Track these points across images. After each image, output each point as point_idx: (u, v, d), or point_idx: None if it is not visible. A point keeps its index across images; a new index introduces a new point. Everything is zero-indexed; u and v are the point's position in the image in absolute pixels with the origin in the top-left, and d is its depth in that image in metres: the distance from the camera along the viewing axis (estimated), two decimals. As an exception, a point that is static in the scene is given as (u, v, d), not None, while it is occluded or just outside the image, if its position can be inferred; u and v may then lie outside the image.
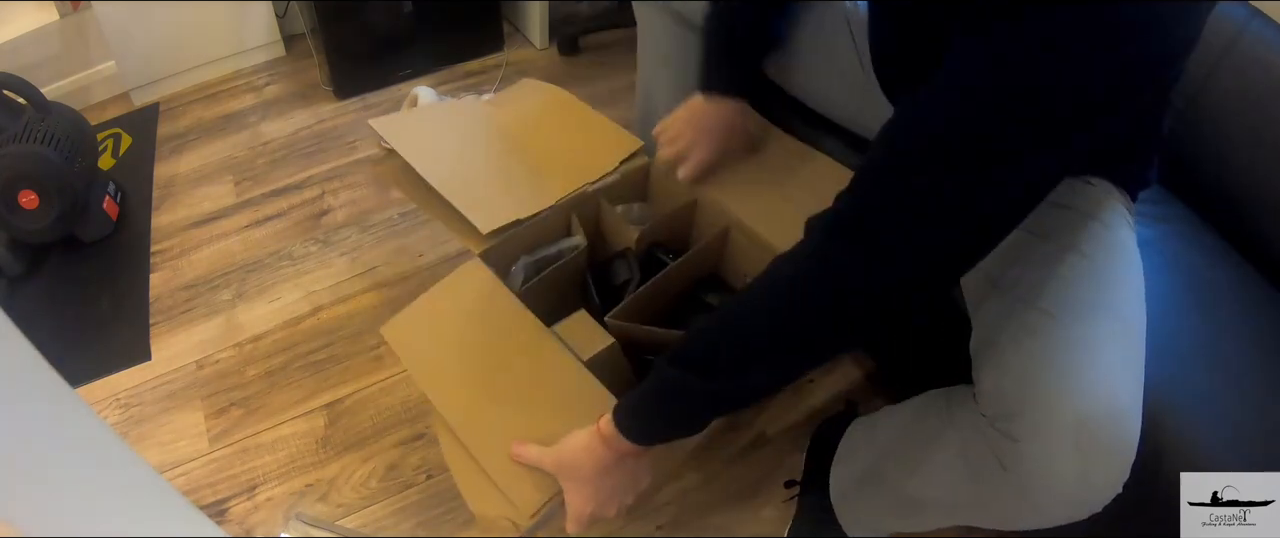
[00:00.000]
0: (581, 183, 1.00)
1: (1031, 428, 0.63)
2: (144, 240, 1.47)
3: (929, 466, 0.76)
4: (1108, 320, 0.67)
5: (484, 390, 0.83)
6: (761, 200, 0.98)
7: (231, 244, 1.45)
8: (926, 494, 0.78)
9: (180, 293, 1.37)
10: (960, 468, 0.71)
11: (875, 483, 0.88)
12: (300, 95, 1.78)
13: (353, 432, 1.17)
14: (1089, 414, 0.61)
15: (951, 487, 0.73)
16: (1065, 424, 0.61)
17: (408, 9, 1.70)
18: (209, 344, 1.29)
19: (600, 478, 0.74)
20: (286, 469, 1.13)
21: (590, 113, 1.12)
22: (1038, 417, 0.63)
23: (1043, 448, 0.62)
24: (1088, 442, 0.61)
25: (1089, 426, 0.61)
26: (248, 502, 1.10)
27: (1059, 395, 0.62)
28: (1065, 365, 0.64)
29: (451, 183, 0.96)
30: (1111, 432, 0.62)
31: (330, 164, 1.61)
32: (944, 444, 0.73)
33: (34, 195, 1.29)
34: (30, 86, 1.34)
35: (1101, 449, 0.62)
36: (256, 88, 1.81)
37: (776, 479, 1.11)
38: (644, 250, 1.03)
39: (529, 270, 0.98)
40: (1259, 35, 0.92)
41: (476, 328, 0.88)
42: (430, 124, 1.15)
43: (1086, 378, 0.63)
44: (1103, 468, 0.62)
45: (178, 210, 1.53)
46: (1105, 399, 0.62)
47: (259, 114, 1.74)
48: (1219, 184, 0.96)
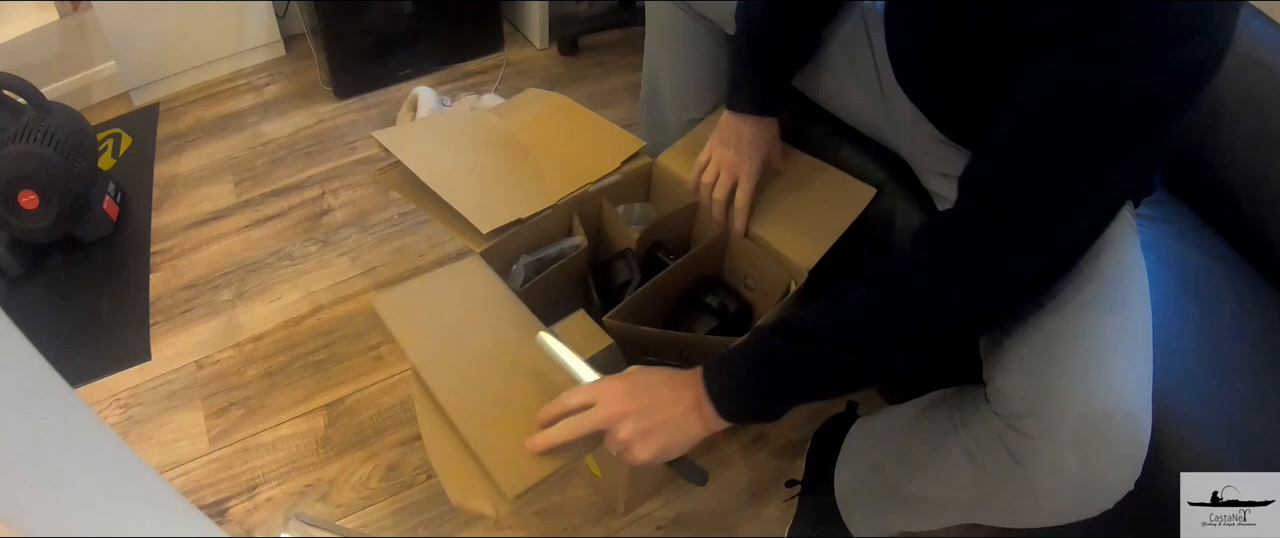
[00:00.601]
0: (583, 183, 1.00)
1: (1045, 426, 0.64)
2: (144, 240, 1.46)
3: (937, 464, 0.76)
4: (1115, 318, 0.68)
5: (474, 370, 0.81)
6: (763, 204, 0.98)
7: (231, 244, 1.45)
8: (933, 493, 0.78)
9: (180, 293, 1.37)
10: (969, 467, 0.72)
11: (881, 482, 0.88)
12: (300, 95, 1.78)
13: (353, 432, 1.17)
14: (1101, 413, 0.62)
15: (959, 485, 0.74)
16: (1078, 422, 0.62)
17: (408, 9, 1.70)
18: (209, 344, 1.29)
19: (666, 412, 0.71)
20: (286, 469, 1.13)
21: (592, 116, 1.12)
22: (1051, 415, 0.64)
23: (1056, 445, 0.63)
24: (1099, 440, 0.62)
25: (1101, 424, 0.62)
26: (248, 502, 1.09)
27: (1071, 394, 0.63)
28: (1077, 364, 0.65)
29: (452, 186, 0.96)
30: (1123, 430, 0.63)
31: (330, 164, 1.61)
32: (954, 443, 0.74)
33: (34, 195, 1.29)
34: (30, 86, 1.34)
35: (1113, 447, 0.63)
36: (256, 88, 1.81)
37: (777, 479, 1.11)
38: (645, 251, 1.03)
39: (529, 270, 0.98)
40: (1259, 35, 0.92)
41: (470, 314, 0.87)
42: (432, 132, 1.16)
43: (1098, 376, 0.64)
44: (1114, 466, 0.63)
45: (178, 210, 1.53)
46: (1117, 398, 0.63)
47: (259, 114, 1.74)
48: (1219, 184, 0.96)
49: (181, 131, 1.70)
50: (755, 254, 0.99)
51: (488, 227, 0.93)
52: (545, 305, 0.89)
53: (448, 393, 0.78)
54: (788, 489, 1.09)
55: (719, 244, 1.02)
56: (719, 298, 1.04)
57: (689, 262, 0.99)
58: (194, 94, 1.79)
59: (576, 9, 2.02)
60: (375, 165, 1.59)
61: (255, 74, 1.85)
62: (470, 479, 0.74)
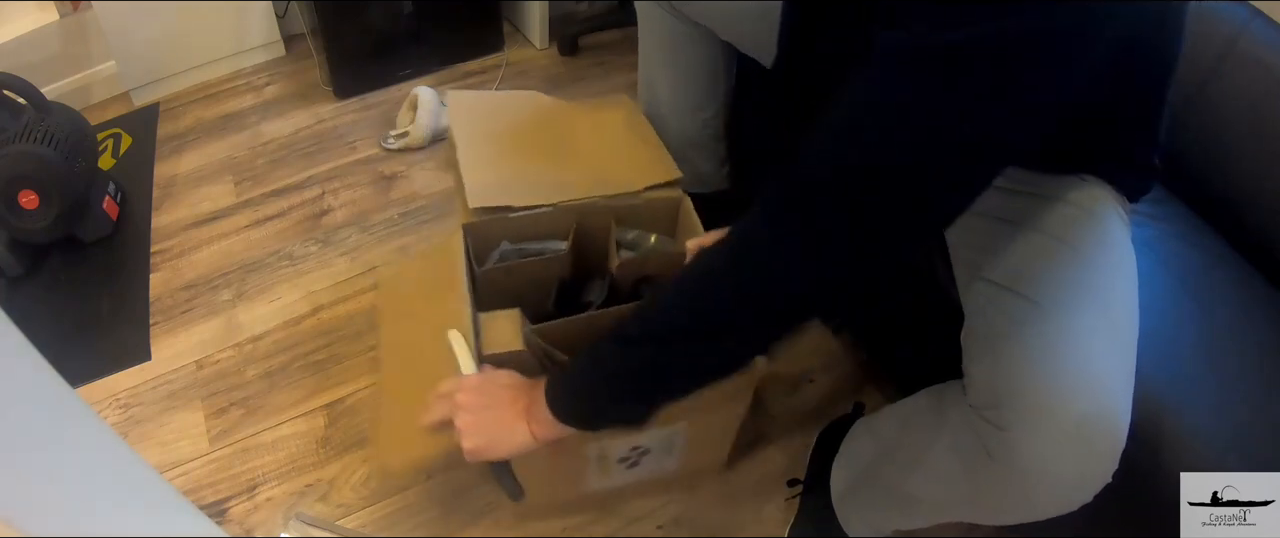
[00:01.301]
0: (596, 193, 0.99)
1: (1016, 416, 0.63)
2: (144, 240, 1.46)
3: (924, 461, 0.76)
4: (1094, 311, 0.67)
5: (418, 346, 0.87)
6: None
7: (231, 244, 1.45)
8: (922, 491, 0.78)
9: (180, 293, 1.37)
10: (953, 462, 0.71)
11: (872, 482, 0.89)
12: (300, 95, 1.78)
13: (353, 432, 1.17)
14: (1074, 403, 0.61)
15: (945, 482, 0.74)
16: (1050, 413, 0.62)
17: (408, 9, 1.70)
18: (209, 344, 1.29)
19: (497, 413, 0.74)
20: (286, 469, 1.13)
21: (653, 138, 1.07)
22: (1023, 406, 0.63)
23: (1027, 436, 0.62)
24: (1073, 430, 0.61)
25: (1073, 414, 0.61)
26: (248, 502, 1.09)
27: (1044, 385, 0.62)
28: (1051, 355, 0.64)
29: (474, 156, 0.98)
30: (1097, 421, 0.62)
31: (330, 164, 1.61)
32: (937, 439, 0.73)
33: (34, 195, 1.29)
34: (30, 87, 1.34)
35: (1087, 438, 0.62)
36: (256, 88, 1.81)
37: (777, 479, 1.11)
38: (633, 283, 1.01)
39: (507, 257, 0.98)
40: (1259, 35, 0.92)
41: (430, 293, 0.91)
42: (496, 105, 1.16)
43: (1072, 369, 0.63)
44: (1089, 457, 0.62)
45: (178, 210, 1.53)
46: (1090, 390, 0.62)
47: (259, 114, 1.74)
48: (1218, 184, 0.96)
49: (181, 132, 1.70)
50: None
51: (476, 202, 0.94)
52: (508, 294, 0.91)
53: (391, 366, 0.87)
54: (790, 488, 1.09)
55: None
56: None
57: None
58: (194, 94, 1.79)
59: (576, 9, 2.02)
60: (375, 165, 1.60)
61: (255, 74, 1.85)
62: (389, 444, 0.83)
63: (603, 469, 0.96)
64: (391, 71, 1.79)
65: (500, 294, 0.94)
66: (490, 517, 1.07)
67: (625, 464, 0.97)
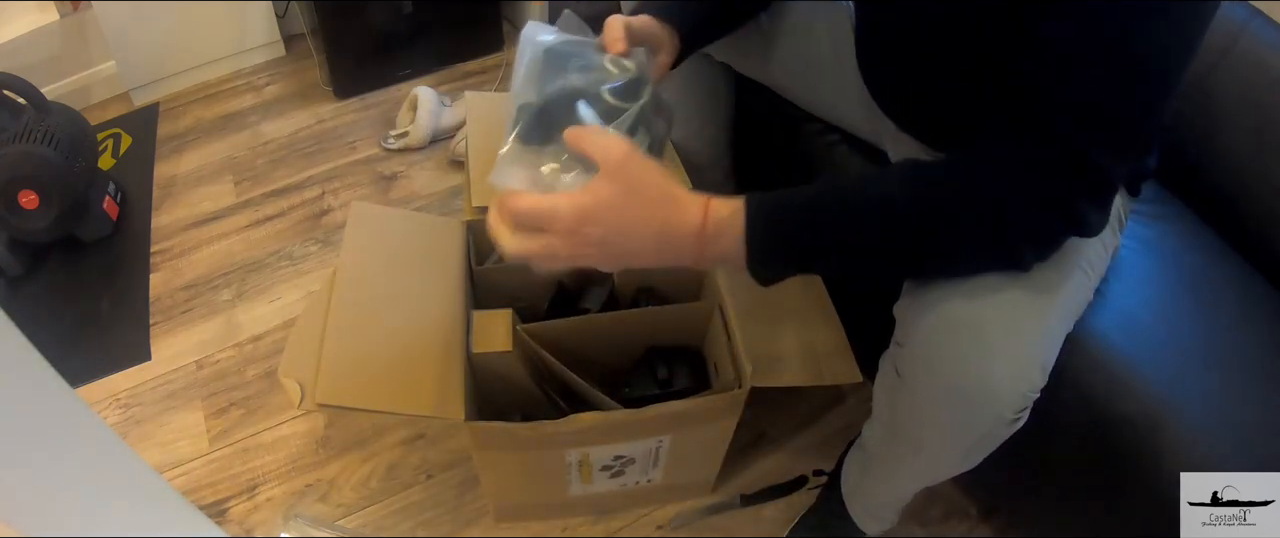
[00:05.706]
0: None
1: (911, 329, 0.66)
2: (144, 240, 1.46)
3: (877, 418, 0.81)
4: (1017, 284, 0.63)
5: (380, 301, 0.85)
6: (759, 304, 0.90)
7: (231, 244, 1.45)
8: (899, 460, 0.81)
9: (180, 293, 1.37)
10: (882, 400, 0.75)
11: (865, 467, 0.92)
12: (300, 95, 1.78)
13: (353, 432, 1.17)
14: (966, 308, 0.62)
15: (883, 425, 0.77)
16: (941, 320, 0.63)
17: (408, 9, 1.70)
18: (209, 344, 1.29)
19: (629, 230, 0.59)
20: (286, 469, 1.13)
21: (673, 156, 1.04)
22: (917, 320, 0.65)
23: (921, 341, 0.65)
24: (966, 333, 0.62)
25: (965, 318, 0.62)
26: (248, 502, 1.10)
27: (939, 302, 0.63)
28: (953, 286, 0.63)
29: (485, 154, 0.97)
30: (992, 327, 0.61)
31: (330, 164, 1.61)
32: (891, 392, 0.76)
33: (34, 195, 1.29)
34: (30, 86, 1.34)
35: (985, 341, 0.61)
36: (256, 88, 1.81)
37: (776, 480, 1.11)
38: (632, 293, 1.01)
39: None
40: (1259, 35, 0.92)
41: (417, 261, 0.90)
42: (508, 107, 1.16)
43: (971, 291, 0.62)
44: (989, 357, 0.61)
45: (178, 210, 1.53)
46: (988, 300, 0.61)
47: (259, 114, 1.74)
48: (1219, 184, 0.96)
49: (181, 132, 1.70)
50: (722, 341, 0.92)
51: (481, 201, 0.94)
52: (503, 293, 0.90)
53: (343, 301, 0.82)
54: (815, 478, 1.09)
55: (699, 314, 0.95)
56: (671, 370, 0.95)
57: (646, 317, 0.95)
58: (194, 94, 1.79)
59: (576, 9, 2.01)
60: (375, 165, 1.60)
61: (255, 74, 1.85)
62: (303, 364, 0.78)
63: (584, 476, 0.96)
64: (391, 71, 1.79)
65: (497, 294, 0.94)
66: (490, 517, 1.07)
67: (608, 473, 0.96)
